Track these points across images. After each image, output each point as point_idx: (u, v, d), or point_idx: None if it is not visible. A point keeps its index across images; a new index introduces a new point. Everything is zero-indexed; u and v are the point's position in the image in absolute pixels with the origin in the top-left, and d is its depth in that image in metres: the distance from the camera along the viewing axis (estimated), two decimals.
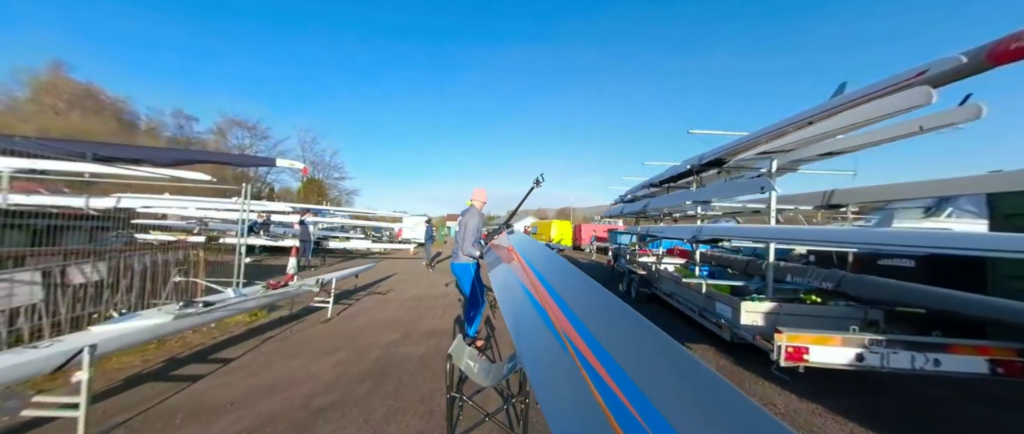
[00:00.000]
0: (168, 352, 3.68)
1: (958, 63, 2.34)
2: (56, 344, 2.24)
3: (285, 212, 14.46)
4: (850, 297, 4.23)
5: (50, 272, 3.42)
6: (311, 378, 3.24)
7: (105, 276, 3.87)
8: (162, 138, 30.27)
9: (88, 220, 4.39)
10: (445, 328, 4.98)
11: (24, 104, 22.80)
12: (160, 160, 7.11)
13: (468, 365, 2.30)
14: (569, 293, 1.44)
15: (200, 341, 4.03)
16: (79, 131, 20.91)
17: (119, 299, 4.39)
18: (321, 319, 5.13)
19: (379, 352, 3.96)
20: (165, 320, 2.83)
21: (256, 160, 16.96)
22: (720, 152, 4.76)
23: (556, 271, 1.75)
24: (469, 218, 4.03)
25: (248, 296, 3.90)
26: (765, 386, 3.49)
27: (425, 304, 6.48)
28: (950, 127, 3.20)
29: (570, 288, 1.52)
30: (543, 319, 1.35)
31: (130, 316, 2.79)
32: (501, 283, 2.04)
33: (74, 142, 6.84)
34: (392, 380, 3.26)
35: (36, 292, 3.30)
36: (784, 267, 4.99)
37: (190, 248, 4.96)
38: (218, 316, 3.49)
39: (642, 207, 8.05)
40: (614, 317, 1.18)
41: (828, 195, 4.74)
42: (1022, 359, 3.04)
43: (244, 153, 29.87)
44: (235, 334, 4.33)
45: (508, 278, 1.96)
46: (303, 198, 33.28)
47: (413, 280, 9.23)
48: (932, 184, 4.51)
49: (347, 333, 4.61)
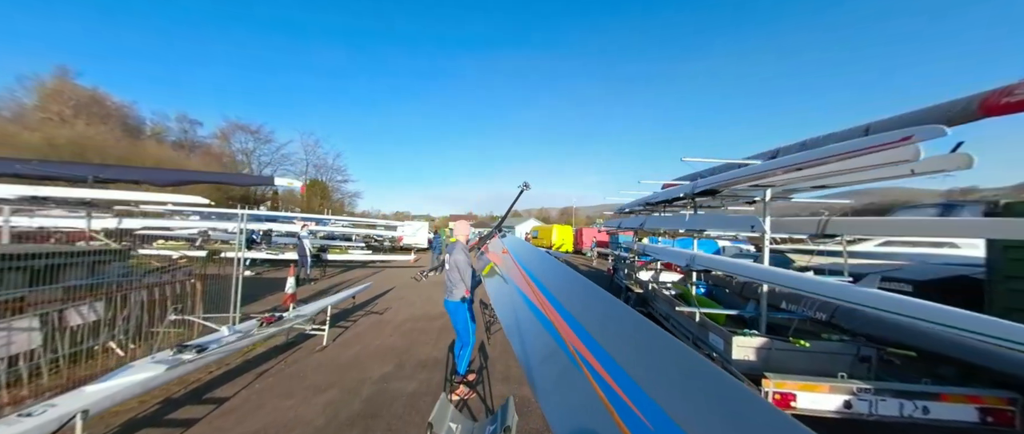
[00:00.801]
0: (165, 391, 3.74)
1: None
2: (49, 409, 2.29)
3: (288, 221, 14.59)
4: (843, 329, 4.22)
5: (48, 317, 3.48)
6: (301, 422, 3.29)
7: (103, 315, 3.94)
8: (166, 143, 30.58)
9: (88, 255, 4.46)
10: (438, 357, 5.02)
11: (31, 111, 23.10)
12: (160, 181, 7.21)
13: (450, 429, 2.33)
14: (566, 296, 1.42)
15: (197, 376, 4.09)
16: (85, 138, 21.17)
17: (116, 332, 4.48)
18: (316, 347, 5.18)
19: (371, 389, 4.00)
20: (158, 372, 2.88)
21: (254, 179, 17.20)
22: (714, 183, 4.75)
23: (552, 274, 1.74)
24: (457, 256, 4.05)
25: (243, 333, 3.96)
26: None
27: (420, 326, 6.52)
28: (941, 173, 3.18)
29: (566, 291, 1.51)
30: (542, 323, 1.33)
31: (122, 370, 2.84)
32: (497, 290, 2.02)
33: (75, 165, 6.93)
34: (381, 424, 3.30)
35: (34, 338, 3.38)
36: (779, 292, 4.98)
37: (186, 279, 5.02)
38: (212, 360, 3.54)
39: (640, 223, 8.03)
40: (612, 317, 1.18)
41: (823, 224, 4.70)
42: (1012, 408, 3.03)
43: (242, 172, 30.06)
44: (231, 367, 4.39)
45: (503, 285, 1.94)
46: (306, 201, 33.50)
47: (409, 296, 9.28)
48: (928, 223, 4.47)
49: (341, 365, 4.66)
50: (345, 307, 7.30)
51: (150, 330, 4.78)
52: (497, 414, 2.45)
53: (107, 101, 27.91)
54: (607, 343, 1.01)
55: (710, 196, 5.16)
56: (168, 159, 25.81)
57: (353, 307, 7.59)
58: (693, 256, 5.00)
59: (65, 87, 25.31)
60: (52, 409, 2.32)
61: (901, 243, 8.28)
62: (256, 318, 4.30)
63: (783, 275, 3.63)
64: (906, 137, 2.45)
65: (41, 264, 4.01)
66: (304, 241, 9.33)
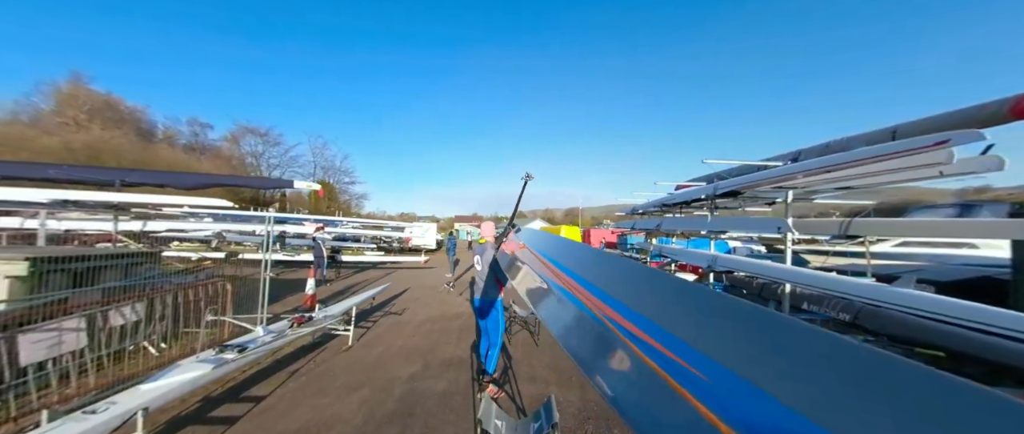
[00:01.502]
0: (203, 390, 3.84)
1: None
2: (111, 407, 2.39)
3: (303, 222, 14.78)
4: (867, 330, 4.23)
5: (95, 317, 3.61)
6: (339, 421, 3.37)
7: (143, 317, 4.06)
8: (178, 146, 31.03)
9: (124, 258, 4.60)
10: (462, 357, 5.09)
11: (48, 116, 23.58)
12: (184, 185, 7.38)
13: (496, 426, 2.40)
14: (590, 272, 1.43)
15: (231, 376, 4.20)
16: (101, 142, 21.59)
17: (152, 330, 4.61)
18: (342, 347, 5.28)
19: (402, 388, 4.08)
20: (205, 370, 2.99)
21: (274, 182, 17.47)
22: (736, 185, 4.79)
23: (569, 255, 1.76)
24: (487, 256, 4.13)
25: (277, 333, 4.06)
26: None
27: (440, 327, 6.60)
28: (971, 175, 3.21)
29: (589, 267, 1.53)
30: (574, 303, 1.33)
31: (170, 369, 2.94)
32: (521, 281, 2.03)
33: (104, 169, 7.13)
34: (418, 422, 3.37)
35: (82, 338, 3.50)
36: (800, 293, 5.00)
37: (218, 282, 5.15)
38: (252, 359, 3.64)
39: (656, 225, 8.08)
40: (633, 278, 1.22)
41: (845, 225, 4.73)
42: None
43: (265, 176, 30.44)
44: (264, 366, 4.49)
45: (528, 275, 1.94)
46: (314, 204, 33.81)
47: (425, 297, 9.37)
48: (958, 224, 4.47)
49: (368, 364, 4.75)
50: (363, 308, 7.41)
51: (183, 331, 4.91)
52: (540, 411, 2.52)
53: (120, 105, 28.42)
54: (641, 307, 1.01)
55: (731, 197, 5.20)
56: (180, 162, 26.22)
57: (371, 308, 7.70)
58: (715, 257, 5.02)
59: (80, 92, 25.81)
60: (113, 407, 2.42)
61: (917, 244, 8.24)
62: (287, 318, 4.41)
63: (813, 276, 3.66)
64: (942, 141, 2.48)
65: (82, 267, 4.14)
66: (321, 242, 9.46)
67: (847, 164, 3.19)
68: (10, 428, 2.94)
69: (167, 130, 32.55)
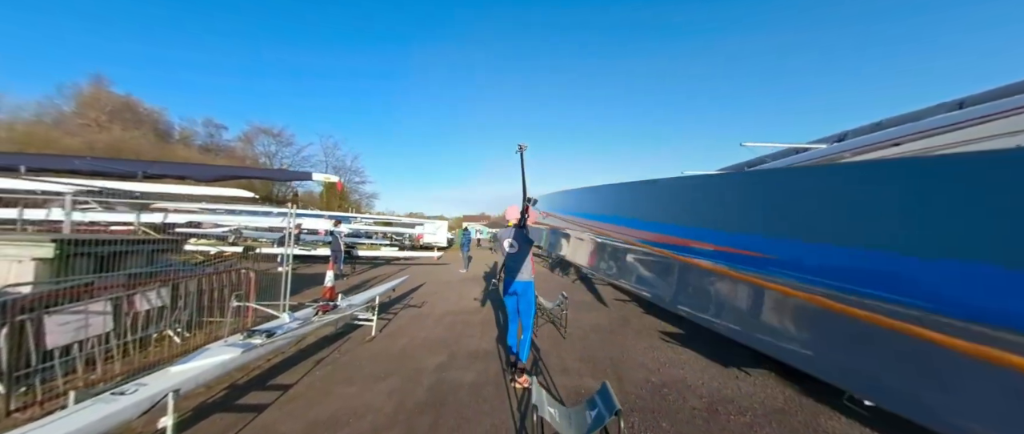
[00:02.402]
0: (228, 377, 3.73)
1: None
2: (140, 389, 2.27)
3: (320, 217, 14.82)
4: None
5: (120, 302, 3.52)
6: (370, 409, 3.22)
7: (167, 302, 3.98)
8: (194, 146, 31.60)
9: (146, 244, 4.53)
10: (487, 349, 4.91)
11: (70, 118, 24.19)
12: (203, 176, 7.37)
13: (550, 413, 2.21)
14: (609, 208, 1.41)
15: (256, 364, 4.09)
16: (121, 142, 22.05)
17: (176, 318, 4.53)
18: (366, 337, 5.15)
19: (430, 378, 3.92)
20: (235, 354, 2.86)
21: (294, 175, 17.56)
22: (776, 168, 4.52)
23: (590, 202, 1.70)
24: (515, 235, 3.99)
25: (303, 320, 3.93)
26: (841, 421, 3.26)
27: (461, 320, 6.44)
28: None
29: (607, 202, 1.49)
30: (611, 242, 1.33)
31: (200, 353, 2.82)
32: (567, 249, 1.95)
33: (126, 161, 7.15)
34: (451, 412, 3.20)
35: (108, 321, 3.41)
36: None
37: (241, 270, 5.06)
38: (280, 345, 3.52)
39: None
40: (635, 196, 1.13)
41: None
42: None
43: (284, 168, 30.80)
44: (288, 356, 4.37)
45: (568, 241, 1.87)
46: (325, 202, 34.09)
47: (442, 291, 9.23)
48: None
49: (393, 355, 4.60)
50: (383, 301, 7.28)
51: (207, 320, 4.83)
52: (595, 399, 2.32)
53: (139, 107, 29.03)
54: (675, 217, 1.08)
55: None
56: (196, 161, 26.64)
57: (390, 301, 7.58)
58: None
59: (101, 94, 26.44)
60: (143, 388, 2.30)
61: None
62: (312, 307, 4.28)
63: None
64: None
65: (107, 250, 4.08)
66: (339, 236, 9.38)
67: (920, 133, 2.92)
68: (36, 412, 2.85)
69: (184, 131, 33.17)
